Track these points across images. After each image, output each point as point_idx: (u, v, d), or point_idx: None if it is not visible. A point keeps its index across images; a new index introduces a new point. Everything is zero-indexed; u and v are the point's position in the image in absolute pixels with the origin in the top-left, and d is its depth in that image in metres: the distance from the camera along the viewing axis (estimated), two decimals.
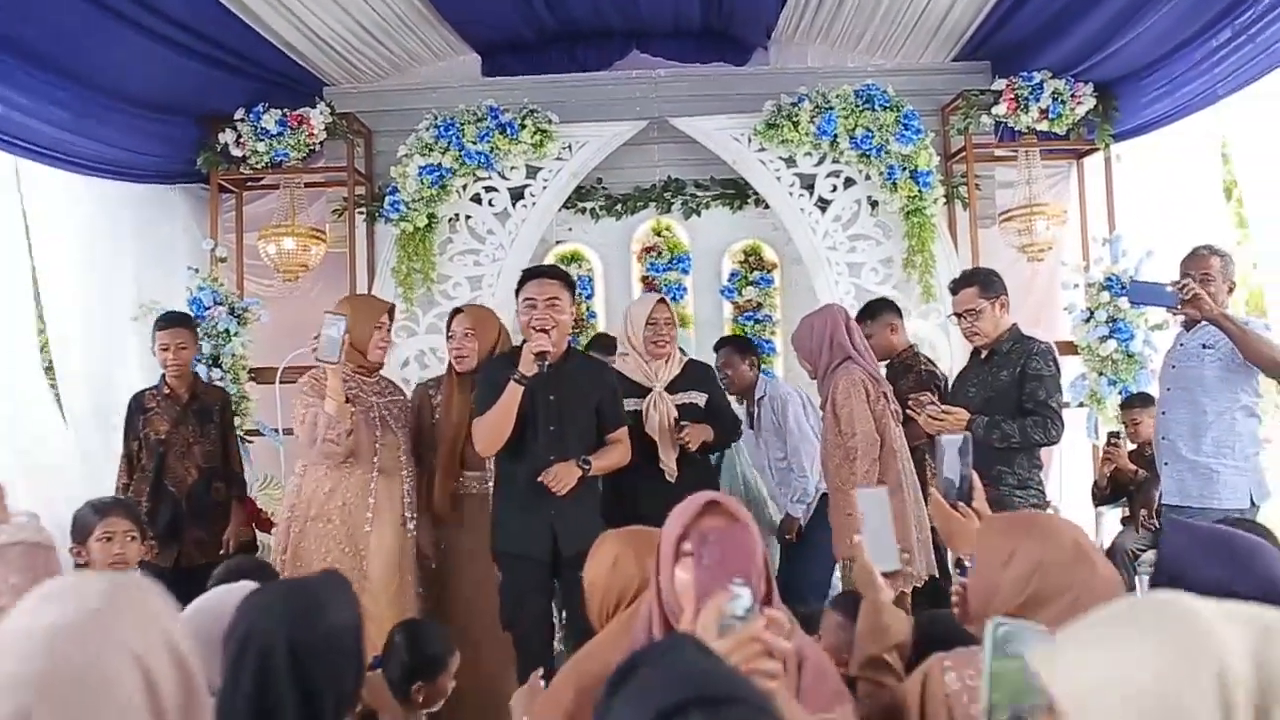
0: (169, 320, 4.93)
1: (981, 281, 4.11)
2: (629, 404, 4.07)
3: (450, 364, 4.32)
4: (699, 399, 4.31)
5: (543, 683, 2.34)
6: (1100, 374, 5.80)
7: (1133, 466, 5.12)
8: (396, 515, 4.07)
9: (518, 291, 3.81)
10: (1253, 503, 3.82)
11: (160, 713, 1.13)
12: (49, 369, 5.81)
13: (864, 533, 2.16)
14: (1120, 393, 5.74)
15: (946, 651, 1.85)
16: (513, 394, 3.57)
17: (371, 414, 4.04)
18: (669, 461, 4.10)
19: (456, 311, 4.38)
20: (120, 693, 1.10)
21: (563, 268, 3.83)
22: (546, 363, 3.52)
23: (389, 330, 4.19)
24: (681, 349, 4.64)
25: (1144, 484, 4.99)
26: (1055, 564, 1.74)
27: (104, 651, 1.11)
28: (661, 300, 4.34)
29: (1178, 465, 4.00)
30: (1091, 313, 5.80)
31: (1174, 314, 3.95)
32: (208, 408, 4.97)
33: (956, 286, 4.19)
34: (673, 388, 4.26)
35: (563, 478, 3.59)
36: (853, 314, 5.95)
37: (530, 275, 3.82)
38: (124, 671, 1.11)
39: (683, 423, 4.17)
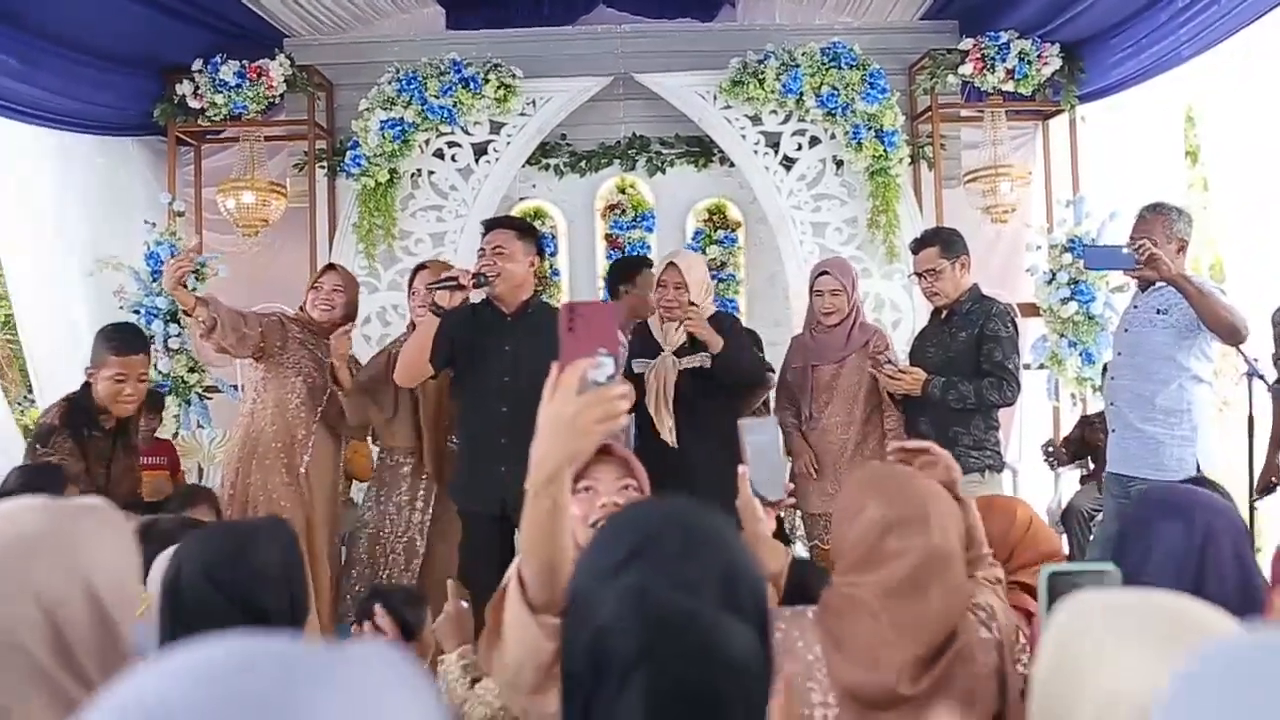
0: (126, 344, 3.73)
1: (943, 241, 4.09)
2: (637, 365, 4.01)
3: (412, 323, 4.29)
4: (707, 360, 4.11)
5: (465, 604, 2.35)
6: (1061, 336, 5.82)
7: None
8: (331, 470, 4.26)
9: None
10: (1198, 473, 3.82)
11: (66, 655, 1.13)
12: (6, 322, 5.77)
13: (748, 461, 2.15)
14: (1081, 355, 5.77)
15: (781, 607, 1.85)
16: (428, 325, 3.60)
17: (324, 369, 4.16)
18: (663, 427, 4.03)
19: (420, 268, 4.35)
20: (17, 635, 1.10)
21: (524, 219, 3.79)
22: (454, 287, 3.53)
23: (331, 290, 4.28)
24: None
25: (1101, 448, 5.03)
26: (896, 527, 1.71)
27: (5, 591, 1.12)
28: (672, 263, 4.15)
29: (1124, 433, 3.99)
30: (1054, 274, 5.81)
31: (1132, 276, 3.92)
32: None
33: (918, 246, 4.17)
34: (686, 350, 4.07)
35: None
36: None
37: (490, 225, 3.83)
38: (21, 606, 1.12)
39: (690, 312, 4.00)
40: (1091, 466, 5.39)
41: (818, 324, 4.28)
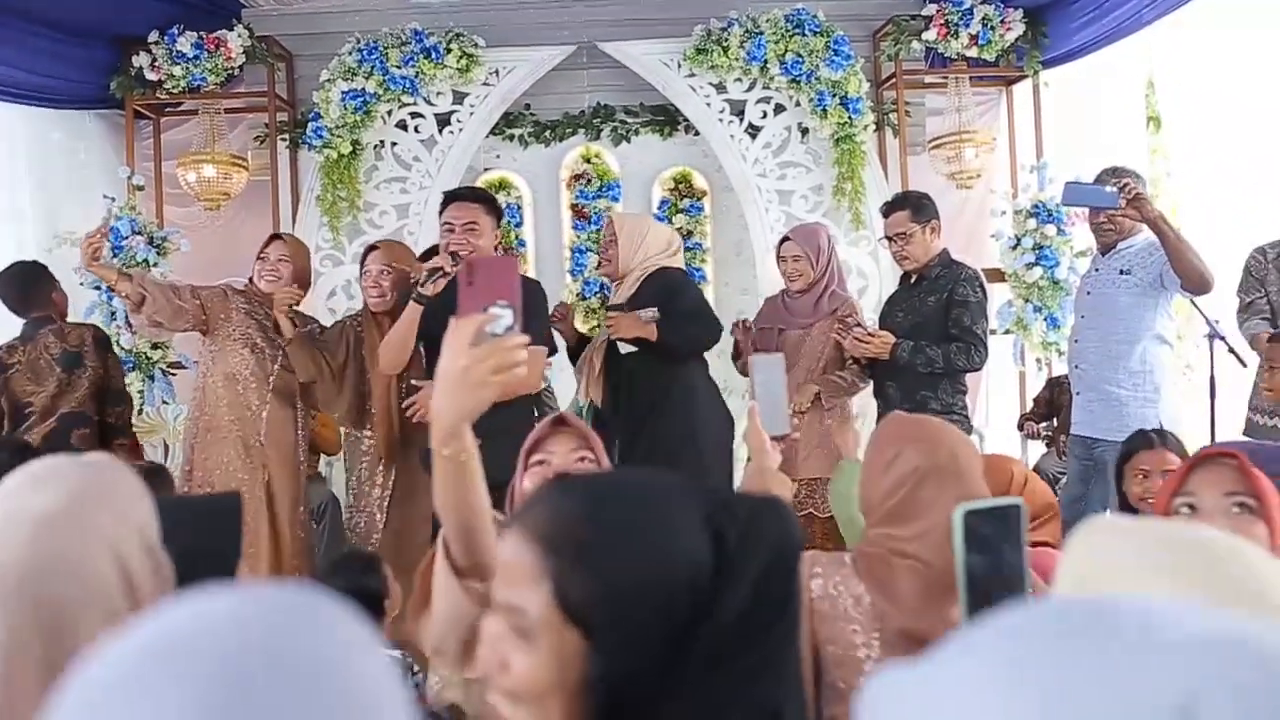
0: None
1: (914, 205, 4.09)
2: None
3: (366, 305, 4.24)
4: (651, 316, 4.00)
5: None
6: (1026, 301, 5.86)
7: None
8: (290, 441, 4.20)
9: (440, 214, 3.74)
10: None
11: (136, 604, 1.12)
12: None
13: (757, 398, 2.16)
14: (1046, 319, 5.81)
15: (813, 551, 1.87)
16: (412, 312, 3.55)
17: (275, 341, 4.15)
18: (592, 393, 4.03)
19: (370, 249, 4.28)
20: (99, 584, 1.09)
21: (486, 190, 3.73)
22: (441, 277, 3.47)
23: (276, 261, 4.22)
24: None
25: (1065, 409, 5.07)
26: (931, 474, 1.73)
27: (85, 542, 1.10)
28: (610, 218, 4.21)
29: (1088, 394, 4.03)
30: (1018, 240, 5.84)
31: (1114, 215, 3.88)
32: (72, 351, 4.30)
33: (888, 210, 4.17)
34: (631, 306, 3.99)
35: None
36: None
37: (451, 198, 3.75)
38: (102, 563, 1.10)
39: (611, 314, 3.99)
40: (1055, 429, 5.43)
41: (787, 289, 4.29)
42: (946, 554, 1.67)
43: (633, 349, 3.93)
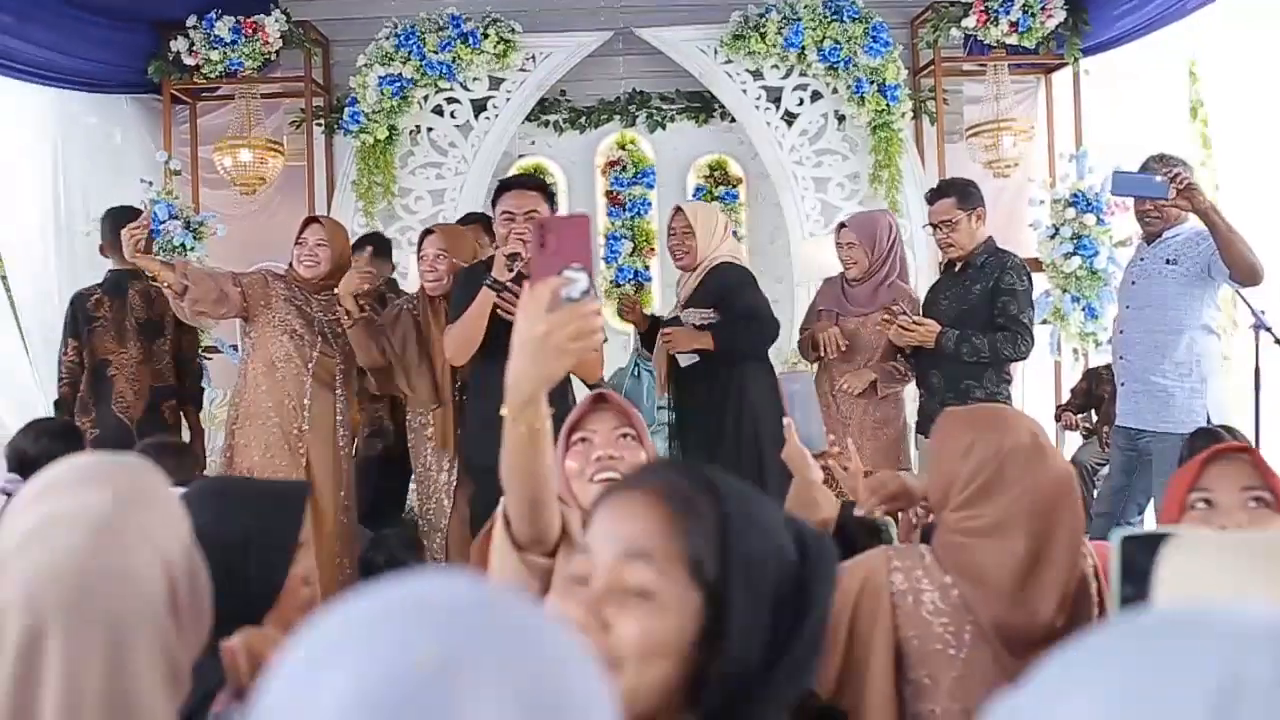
0: None
1: (959, 192, 4.05)
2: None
3: (423, 289, 4.23)
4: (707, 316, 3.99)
5: None
6: (1065, 291, 5.81)
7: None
8: (330, 427, 4.15)
9: (494, 203, 3.70)
10: (1209, 424, 3.80)
11: (176, 610, 1.10)
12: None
13: (793, 415, 2.16)
14: (1084, 309, 5.77)
15: (887, 546, 1.86)
16: (484, 299, 3.48)
17: (314, 326, 4.11)
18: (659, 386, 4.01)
19: (428, 232, 4.25)
20: (152, 596, 1.07)
21: (541, 178, 3.68)
22: (520, 263, 3.43)
23: (315, 245, 4.14)
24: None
25: (1107, 401, 5.04)
26: (1012, 455, 1.72)
27: (140, 551, 1.08)
28: (679, 208, 4.11)
29: (1133, 385, 3.98)
30: (1057, 229, 5.79)
31: (1162, 205, 3.83)
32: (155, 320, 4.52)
33: (933, 196, 4.12)
34: (693, 302, 3.99)
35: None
36: (822, 228, 5.98)
37: (508, 186, 3.69)
38: (154, 572, 1.08)
39: (667, 329, 4.00)
40: (1096, 421, 5.39)
41: (844, 275, 4.29)
42: (1034, 529, 1.67)
43: (694, 359, 3.90)
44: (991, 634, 1.67)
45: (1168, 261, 3.83)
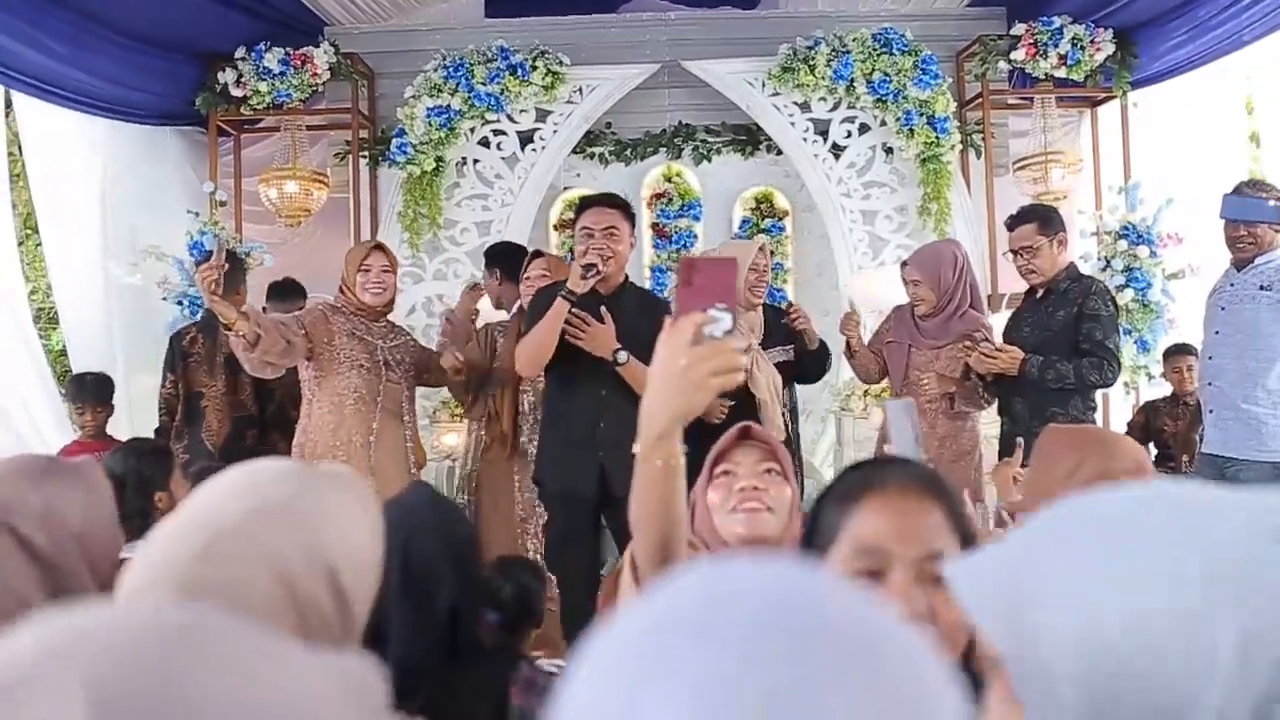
0: None
1: (1041, 218, 4.00)
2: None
3: (520, 307, 4.20)
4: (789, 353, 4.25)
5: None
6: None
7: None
8: (401, 456, 4.09)
9: (574, 220, 3.68)
10: None
11: (306, 629, 1.07)
12: (37, 316, 5.69)
13: (893, 441, 2.12)
14: (1136, 343, 5.73)
15: None
16: (559, 309, 3.44)
17: (376, 356, 4.03)
18: (776, 421, 3.90)
19: (535, 254, 4.31)
20: (256, 606, 1.05)
21: (621, 196, 3.67)
22: (595, 275, 3.41)
23: (381, 272, 4.06)
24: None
25: (1181, 435, 5.02)
26: (1119, 475, 1.71)
27: (249, 561, 1.07)
28: (762, 247, 4.17)
29: (1224, 413, 3.91)
30: (1108, 261, 5.76)
31: (1255, 230, 3.81)
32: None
33: (1014, 223, 4.08)
34: (763, 343, 4.08)
35: (595, 335, 3.48)
36: (870, 260, 5.96)
37: (589, 203, 3.67)
38: (265, 584, 1.06)
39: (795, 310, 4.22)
40: (1174, 451, 5.33)
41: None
42: None
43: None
44: None
45: (1261, 288, 3.79)
